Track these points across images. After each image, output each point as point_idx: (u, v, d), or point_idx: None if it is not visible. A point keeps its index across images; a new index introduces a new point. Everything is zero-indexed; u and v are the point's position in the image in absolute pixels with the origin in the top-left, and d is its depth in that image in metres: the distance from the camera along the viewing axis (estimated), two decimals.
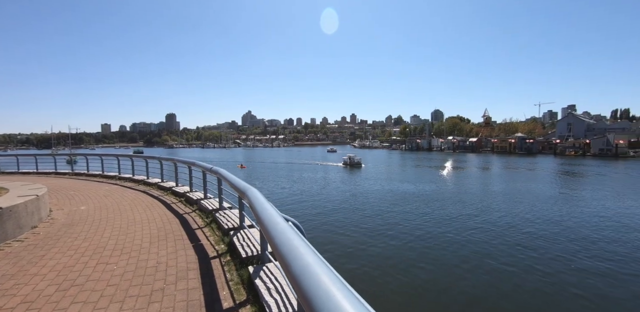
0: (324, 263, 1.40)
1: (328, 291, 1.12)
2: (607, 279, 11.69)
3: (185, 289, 3.49)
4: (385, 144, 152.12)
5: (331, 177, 42.30)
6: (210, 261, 4.32)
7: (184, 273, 3.90)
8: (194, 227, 6.00)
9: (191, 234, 5.52)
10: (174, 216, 6.82)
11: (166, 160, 11.15)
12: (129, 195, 9.65)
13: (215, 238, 5.28)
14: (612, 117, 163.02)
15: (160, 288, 3.50)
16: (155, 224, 6.17)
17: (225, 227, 5.39)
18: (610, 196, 27.84)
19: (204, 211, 6.99)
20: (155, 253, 4.62)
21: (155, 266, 4.13)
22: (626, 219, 19.86)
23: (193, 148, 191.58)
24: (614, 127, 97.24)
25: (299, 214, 20.95)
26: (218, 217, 6.02)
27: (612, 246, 15.12)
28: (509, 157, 78.82)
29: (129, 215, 6.99)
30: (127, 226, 6.12)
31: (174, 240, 5.21)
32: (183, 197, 8.77)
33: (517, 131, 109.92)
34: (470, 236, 16.40)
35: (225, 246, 4.83)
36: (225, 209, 6.56)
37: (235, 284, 3.57)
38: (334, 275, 1.27)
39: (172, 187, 10.01)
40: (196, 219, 6.55)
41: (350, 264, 12.84)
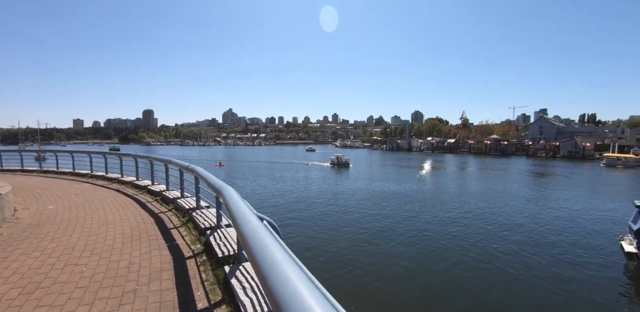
0: (294, 261, 1.41)
1: (295, 289, 1.14)
2: (570, 271, 12.35)
3: (159, 290, 3.41)
4: (367, 143, 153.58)
5: (318, 177, 41.96)
6: (186, 261, 4.24)
7: (157, 274, 3.81)
8: (169, 226, 5.86)
9: (166, 234, 5.40)
10: (149, 216, 6.64)
11: (142, 158, 10.82)
12: (102, 194, 9.30)
13: (192, 238, 5.18)
14: (580, 121, 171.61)
15: (132, 290, 3.41)
16: (128, 224, 5.99)
17: (202, 226, 5.31)
18: (576, 195, 29.35)
19: (181, 210, 6.84)
20: (127, 254, 4.49)
21: (127, 267, 4.01)
22: (586, 216, 21.02)
23: (171, 146, 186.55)
24: (582, 131, 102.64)
25: (282, 215, 20.88)
26: (195, 217, 5.92)
27: (573, 240, 15.96)
28: (485, 158, 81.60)
29: (100, 214, 6.74)
30: (99, 225, 5.91)
31: (148, 240, 5.07)
32: (159, 196, 8.54)
33: (493, 133, 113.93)
34: (447, 235, 16.87)
35: (202, 246, 4.76)
36: (202, 208, 6.45)
37: (210, 284, 3.52)
38: (302, 273, 1.28)
39: (148, 186, 9.73)
40: (172, 219, 6.40)
41: (329, 264, 12.93)
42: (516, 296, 10.77)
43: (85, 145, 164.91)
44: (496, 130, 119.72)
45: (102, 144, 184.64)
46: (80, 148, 41.45)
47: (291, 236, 16.13)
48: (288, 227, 17.74)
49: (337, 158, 58.63)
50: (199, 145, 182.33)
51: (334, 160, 58.98)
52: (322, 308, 1.03)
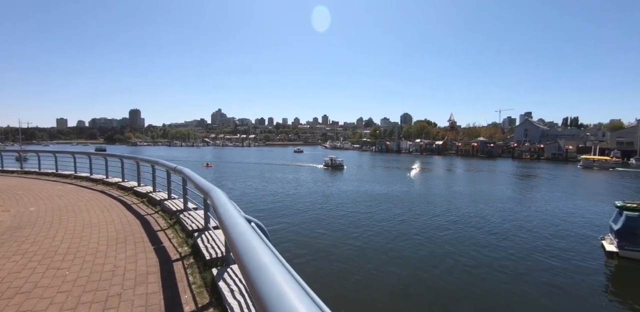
0: (281, 264, 1.41)
1: (281, 292, 1.14)
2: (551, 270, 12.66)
3: (145, 293, 3.35)
4: (356, 145, 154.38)
5: (310, 180, 41.61)
6: (173, 263, 4.18)
7: (143, 277, 3.75)
8: (156, 229, 5.77)
9: (153, 236, 5.31)
10: (135, 218, 6.52)
11: (128, 158, 10.62)
12: (86, 195, 9.09)
13: (179, 240, 5.12)
14: (563, 125, 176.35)
15: (116, 293, 3.34)
16: (113, 226, 5.87)
17: (190, 228, 5.24)
18: (558, 197, 30.11)
19: (168, 212, 6.74)
20: (112, 257, 4.40)
21: (112, 271, 3.93)
22: (568, 217, 21.58)
23: (159, 146, 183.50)
24: (565, 134, 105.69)
25: (272, 219, 20.78)
26: (182, 219, 5.84)
27: (556, 238, 16.38)
28: (472, 160, 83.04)
29: (84, 217, 6.59)
30: (82, 228, 5.77)
31: (134, 242, 4.98)
32: (145, 198, 8.40)
33: (480, 135, 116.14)
34: (435, 237, 17.08)
35: (189, 248, 4.70)
36: (190, 210, 6.37)
37: (198, 287, 3.48)
38: (289, 276, 1.28)
39: (134, 187, 9.55)
40: (159, 221, 6.30)
41: (319, 267, 12.92)
42: (501, 295, 10.97)
43: (69, 146, 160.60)
44: (483, 133, 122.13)
45: (86, 144, 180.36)
46: (63, 148, 40.36)
47: (281, 238, 16.07)
48: (278, 230, 17.67)
49: (331, 160, 57.18)
50: (187, 146, 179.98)
51: (327, 162, 57.68)
52: (307, 309, 1.03)
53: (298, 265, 12.54)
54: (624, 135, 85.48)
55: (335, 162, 56.39)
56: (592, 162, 64.40)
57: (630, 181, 45.07)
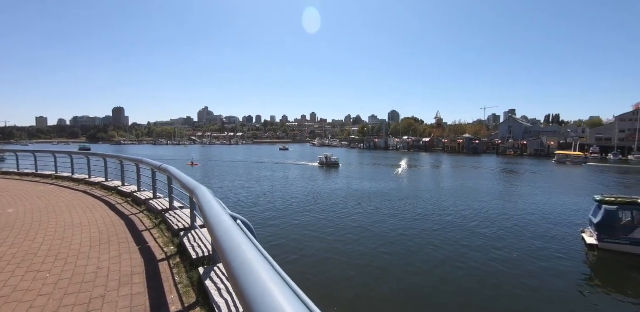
0: (266, 261, 1.41)
1: (265, 288, 1.13)
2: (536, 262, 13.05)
3: (129, 294, 3.30)
4: (344, 142, 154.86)
5: (303, 177, 41.17)
6: (158, 263, 4.12)
7: (128, 278, 3.68)
8: (141, 229, 5.67)
9: (138, 237, 5.21)
10: (119, 218, 6.38)
11: (111, 157, 10.38)
12: (67, 196, 8.84)
13: (165, 240, 5.04)
14: (545, 121, 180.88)
15: (100, 295, 3.27)
16: (96, 227, 5.73)
17: (176, 227, 5.17)
18: (540, 192, 30.99)
19: (153, 212, 6.62)
20: (95, 258, 4.30)
21: (95, 272, 3.85)
22: (549, 211, 22.25)
23: (144, 145, 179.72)
24: (547, 131, 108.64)
25: (261, 215, 20.69)
26: (168, 218, 5.75)
27: (539, 234, 16.87)
28: (458, 156, 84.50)
29: (66, 218, 6.41)
30: (64, 229, 5.62)
31: (118, 243, 4.88)
32: (130, 198, 8.23)
33: (466, 132, 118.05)
34: (421, 232, 17.34)
35: (175, 248, 4.63)
36: (176, 209, 6.28)
37: (184, 287, 3.44)
38: (274, 272, 1.28)
39: (118, 187, 9.35)
40: (144, 221, 6.19)
41: (307, 264, 12.95)
42: (485, 287, 11.24)
43: (49, 145, 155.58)
44: (469, 130, 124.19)
45: (68, 144, 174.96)
46: (43, 148, 38.78)
47: (269, 236, 16.03)
48: (267, 227, 17.62)
49: (327, 158, 55.13)
50: (173, 145, 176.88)
51: (322, 160, 55.84)
52: (292, 306, 1.03)
53: (286, 262, 12.53)
54: (602, 132, 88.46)
55: (331, 160, 54.59)
56: (566, 158, 67.17)
57: (602, 174, 47.36)
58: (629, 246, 14.18)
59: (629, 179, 43.33)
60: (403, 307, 10.05)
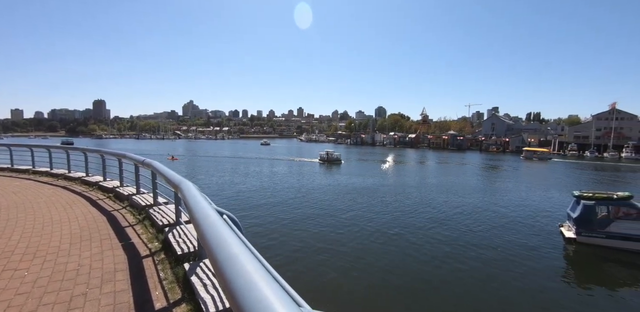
0: (252, 254, 1.40)
1: (251, 280, 1.13)
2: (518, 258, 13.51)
3: (112, 292, 3.23)
4: (331, 138, 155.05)
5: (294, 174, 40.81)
6: (142, 260, 4.05)
7: (110, 275, 3.61)
8: (124, 225, 5.55)
9: (120, 233, 5.10)
10: (101, 214, 6.23)
11: (92, 152, 10.08)
12: (46, 191, 8.55)
13: (149, 236, 4.96)
14: (526, 119, 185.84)
15: (81, 293, 3.20)
16: (77, 223, 5.58)
17: (160, 223, 5.09)
18: (524, 187, 31.97)
19: (136, 207, 6.49)
20: (76, 255, 4.19)
21: (76, 270, 3.75)
22: (527, 205, 23.02)
23: (126, 139, 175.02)
24: (528, 128, 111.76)
25: (250, 211, 20.56)
26: (152, 214, 5.65)
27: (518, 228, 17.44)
28: (443, 152, 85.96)
29: (44, 214, 6.21)
30: (42, 226, 5.44)
31: (100, 240, 4.77)
32: (112, 193, 8.03)
33: (450, 129, 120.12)
34: (406, 226, 17.63)
35: (160, 244, 4.57)
36: (160, 204, 6.17)
37: (169, 283, 3.41)
38: (260, 265, 1.28)
39: (99, 182, 9.10)
40: (127, 216, 6.06)
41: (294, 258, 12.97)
42: (466, 280, 11.55)
43: (26, 139, 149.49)
44: (453, 127, 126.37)
45: (46, 137, 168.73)
46: (20, 142, 36.97)
47: (257, 232, 15.99)
48: (255, 224, 17.55)
49: (328, 154, 52.54)
50: (157, 139, 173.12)
51: (323, 156, 53.08)
52: (279, 299, 1.03)
53: (274, 257, 12.51)
54: (580, 130, 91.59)
55: (332, 157, 52.01)
56: (533, 154, 70.59)
57: (565, 170, 50.22)
58: (604, 239, 14.78)
59: (584, 174, 45.55)
60: (386, 297, 10.24)
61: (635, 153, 72.29)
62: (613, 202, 15.13)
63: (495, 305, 10.08)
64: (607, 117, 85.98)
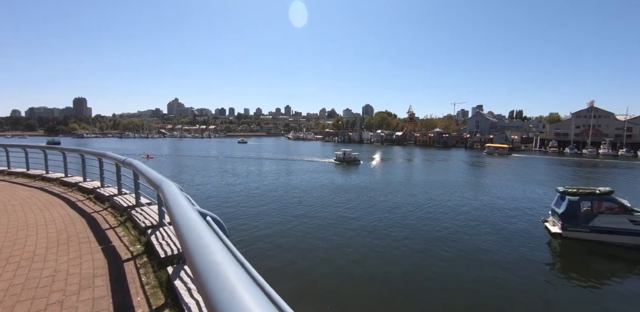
0: (236, 261, 1.31)
1: (233, 291, 1.05)
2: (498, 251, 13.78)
3: (91, 298, 3.08)
4: (319, 136, 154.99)
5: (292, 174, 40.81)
6: (123, 264, 3.89)
7: (89, 281, 3.44)
8: (104, 227, 5.34)
9: (101, 236, 4.91)
10: (80, 216, 5.98)
11: (71, 151, 9.70)
12: (21, 193, 8.19)
13: (130, 238, 4.78)
14: (509, 117, 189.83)
15: (57, 301, 3.04)
16: (54, 226, 5.33)
17: (143, 225, 4.91)
18: (506, 183, 32.68)
19: (118, 209, 6.27)
20: (52, 260, 3.99)
21: (52, 276, 3.57)
22: (510, 200, 23.56)
23: (109, 138, 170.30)
24: (511, 126, 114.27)
25: (237, 212, 20.30)
26: (134, 215, 5.46)
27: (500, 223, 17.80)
28: (429, 150, 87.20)
29: (19, 217, 5.93)
30: (16, 230, 5.18)
31: (78, 243, 4.56)
32: (92, 194, 7.75)
33: (436, 127, 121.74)
34: (392, 223, 17.76)
35: (142, 246, 4.40)
36: (142, 205, 5.98)
37: (152, 288, 3.27)
38: (244, 274, 1.19)
39: (79, 183, 8.78)
40: (108, 218, 5.84)
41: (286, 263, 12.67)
42: (456, 276, 11.72)
43: (2, 138, 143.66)
44: (439, 124, 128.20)
45: (24, 137, 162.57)
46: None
47: (246, 235, 15.78)
48: (244, 225, 17.34)
49: (345, 153, 49.25)
50: (141, 138, 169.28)
51: (340, 156, 49.66)
52: (261, 309, 0.95)
53: (261, 262, 12.13)
54: (560, 127, 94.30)
55: (350, 157, 49.00)
56: (495, 150, 75.14)
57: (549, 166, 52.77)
58: (589, 233, 15.24)
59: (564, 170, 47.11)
60: (378, 299, 10.26)
61: (612, 149, 74.87)
62: (596, 197, 15.58)
63: (487, 301, 10.23)
64: (585, 115, 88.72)
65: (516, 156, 70.30)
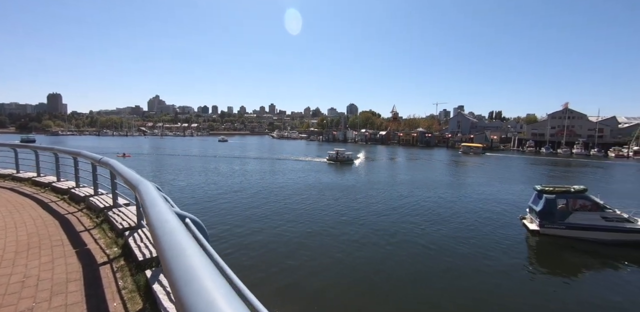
0: (214, 267, 1.26)
1: (211, 300, 1.00)
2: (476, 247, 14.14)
3: (64, 305, 2.94)
4: (303, 135, 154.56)
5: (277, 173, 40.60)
6: (99, 268, 3.75)
7: (62, 286, 3.29)
8: (79, 229, 5.13)
9: (75, 238, 4.70)
10: (53, 218, 5.72)
11: (44, 149, 9.29)
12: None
13: (107, 241, 4.60)
14: (489, 117, 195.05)
15: (27, 308, 2.88)
16: (25, 229, 5.08)
17: (120, 227, 4.75)
18: (485, 181, 33.58)
19: (94, 210, 6.04)
20: (22, 265, 3.79)
21: (21, 282, 3.39)
22: (488, 198, 24.25)
23: (85, 136, 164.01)
24: (491, 126, 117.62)
25: (219, 213, 19.98)
26: (111, 216, 5.27)
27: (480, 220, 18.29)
28: (412, 149, 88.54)
29: None
30: None
31: (51, 247, 4.36)
32: (66, 195, 7.44)
33: (419, 126, 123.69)
34: (375, 221, 17.93)
35: (119, 249, 4.25)
36: (120, 206, 5.78)
37: (129, 292, 3.16)
38: (222, 280, 1.15)
39: (52, 183, 8.41)
40: (83, 220, 5.62)
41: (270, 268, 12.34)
42: (437, 273, 11.95)
43: None
44: (422, 124, 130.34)
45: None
46: None
47: (228, 238, 15.55)
48: (226, 227, 17.07)
49: (338, 153, 48.42)
50: (120, 136, 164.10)
51: (332, 155, 48.90)
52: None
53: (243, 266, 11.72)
54: (537, 128, 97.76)
55: (343, 156, 48.27)
56: (470, 149, 77.97)
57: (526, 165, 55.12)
58: (565, 230, 15.85)
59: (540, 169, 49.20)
60: (360, 300, 10.32)
61: (584, 149, 78.29)
62: (571, 195, 16.21)
63: (467, 296, 10.46)
64: (560, 116, 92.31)
65: (489, 154, 73.22)
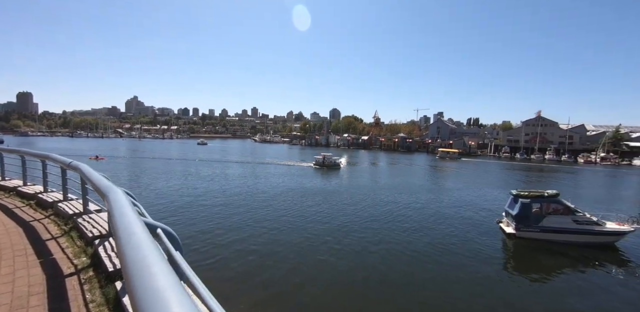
0: (181, 287, 1.15)
1: None
2: None
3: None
4: (286, 139, 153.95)
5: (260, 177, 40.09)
6: (65, 279, 3.52)
7: (22, 300, 3.06)
8: (45, 237, 4.83)
9: (40, 248, 4.42)
10: (16, 225, 5.37)
11: (9, 152, 8.78)
12: None
13: (75, 250, 4.35)
14: (467, 124, 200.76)
15: None
16: None
17: (90, 235, 4.50)
18: (462, 186, 34.43)
19: (62, 216, 5.72)
20: None
21: None
22: (465, 202, 24.86)
23: (58, 137, 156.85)
24: (469, 132, 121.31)
25: (195, 222, 19.44)
26: (80, 223, 4.99)
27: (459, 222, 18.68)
28: (393, 154, 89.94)
29: None
30: None
31: (12, 257, 4.08)
32: (33, 200, 7.03)
33: (400, 132, 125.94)
34: (353, 226, 17.98)
35: (88, 259, 4.02)
36: (91, 212, 5.50)
37: (97, 306, 2.97)
38: (190, 303, 1.04)
39: (18, 187, 7.94)
40: (50, 227, 5.30)
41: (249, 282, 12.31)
42: (415, 276, 12.06)
43: None
44: (403, 130, 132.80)
45: None
46: None
47: (204, 249, 15.13)
48: (203, 237, 16.62)
49: (325, 158, 47.98)
50: (95, 138, 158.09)
51: (319, 160, 48.50)
52: None
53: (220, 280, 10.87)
54: (512, 134, 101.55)
55: (330, 161, 47.97)
56: (447, 154, 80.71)
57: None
58: (539, 233, 16.44)
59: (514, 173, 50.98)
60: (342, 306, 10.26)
61: (556, 155, 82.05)
62: (544, 199, 16.85)
63: (445, 299, 10.59)
64: (534, 124, 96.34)
65: (466, 160, 75.75)
